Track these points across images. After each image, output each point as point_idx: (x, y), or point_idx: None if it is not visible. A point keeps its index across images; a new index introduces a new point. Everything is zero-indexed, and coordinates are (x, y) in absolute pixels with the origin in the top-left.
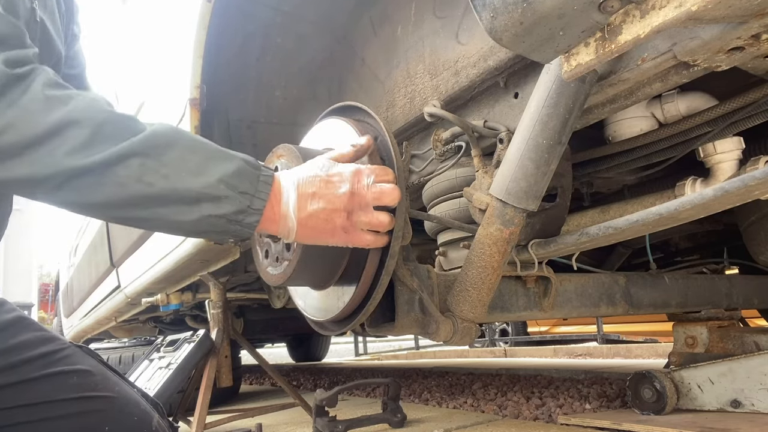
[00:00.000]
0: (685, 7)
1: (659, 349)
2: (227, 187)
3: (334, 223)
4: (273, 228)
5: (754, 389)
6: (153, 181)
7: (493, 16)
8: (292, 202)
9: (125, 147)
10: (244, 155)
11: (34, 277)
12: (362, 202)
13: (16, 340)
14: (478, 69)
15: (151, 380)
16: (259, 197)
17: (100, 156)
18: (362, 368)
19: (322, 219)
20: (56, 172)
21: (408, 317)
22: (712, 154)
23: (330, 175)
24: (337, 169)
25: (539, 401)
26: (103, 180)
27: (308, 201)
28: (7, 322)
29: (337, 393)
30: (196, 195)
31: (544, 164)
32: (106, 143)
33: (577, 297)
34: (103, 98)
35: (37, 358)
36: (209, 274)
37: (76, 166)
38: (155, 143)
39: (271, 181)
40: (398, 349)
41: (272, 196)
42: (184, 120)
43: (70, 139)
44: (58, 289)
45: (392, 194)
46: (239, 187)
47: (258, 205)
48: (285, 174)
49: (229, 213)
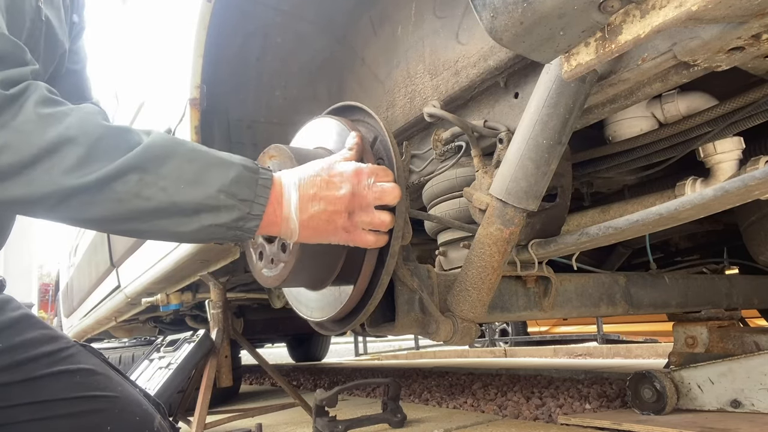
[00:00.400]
0: (686, 7)
1: (659, 349)
2: (227, 196)
3: (335, 224)
4: (275, 230)
5: (754, 389)
6: (151, 195)
7: (494, 16)
8: (294, 203)
9: (122, 163)
10: (243, 159)
11: (34, 277)
12: (363, 203)
13: (21, 338)
14: (478, 69)
15: (151, 380)
16: (259, 202)
17: (96, 174)
18: (362, 368)
19: (324, 220)
20: (53, 191)
21: (408, 317)
22: (712, 154)
23: (331, 175)
24: (338, 170)
25: (539, 401)
26: (101, 197)
27: (310, 202)
28: (13, 319)
29: (337, 393)
30: (195, 206)
31: (545, 164)
32: (103, 160)
33: (577, 297)
34: (98, 110)
35: (42, 357)
36: (209, 274)
37: (73, 185)
38: (152, 156)
39: (270, 184)
40: (398, 349)
41: (273, 199)
42: (184, 120)
43: (66, 158)
44: (58, 289)
45: (393, 193)
46: (239, 194)
47: (258, 210)
48: (287, 174)
49: (229, 221)
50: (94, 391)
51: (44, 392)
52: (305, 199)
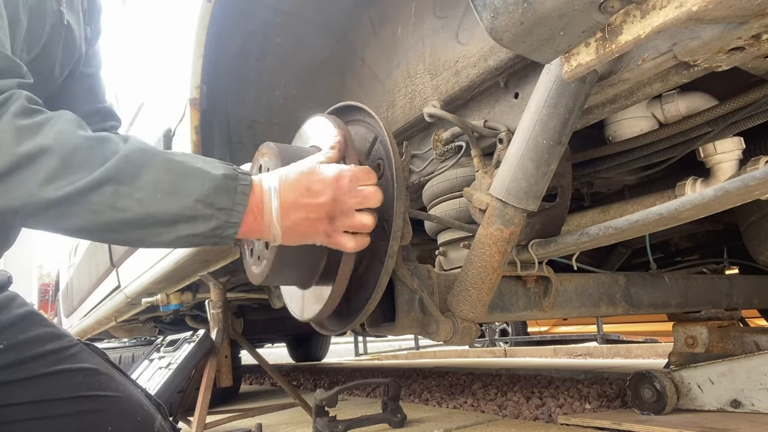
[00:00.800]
0: (686, 7)
1: (659, 349)
2: (204, 206)
3: (316, 229)
4: (256, 235)
5: (754, 389)
6: (127, 206)
7: (494, 16)
8: (275, 210)
9: (97, 175)
10: (223, 166)
11: (34, 277)
12: (345, 207)
13: (26, 336)
14: (478, 69)
15: (151, 380)
16: (237, 209)
17: (73, 186)
18: (362, 368)
19: (305, 226)
20: (28, 202)
21: (408, 317)
22: (712, 154)
23: (312, 182)
24: (319, 176)
25: (539, 401)
26: (78, 208)
27: (291, 209)
28: (18, 317)
29: (337, 393)
30: (172, 217)
31: (545, 164)
32: (78, 172)
33: (577, 297)
34: (77, 120)
35: (45, 355)
36: (209, 274)
37: (49, 198)
38: (127, 167)
39: (249, 191)
40: (398, 349)
41: (254, 206)
42: (184, 120)
43: (41, 170)
44: (58, 289)
45: (375, 197)
46: (216, 204)
47: (236, 218)
48: (268, 178)
49: (207, 231)
50: (96, 391)
51: (46, 391)
52: (286, 206)
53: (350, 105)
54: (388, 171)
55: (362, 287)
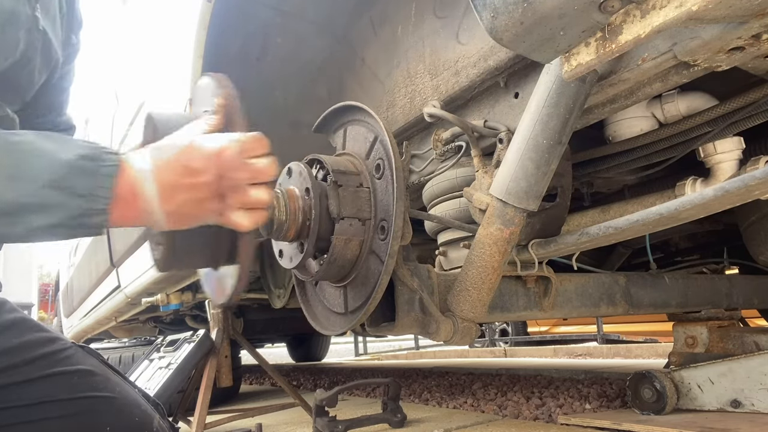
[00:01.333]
0: (686, 6)
1: (659, 349)
2: (58, 192)
3: (205, 209)
4: (134, 222)
5: (754, 389)
6: None
7: (494, 16)
8: (153, 194)
9: None
10: (83, 145)
11: (34, 277)
12: (233, 184)
13: (19, 341)
14: (478, 69)
15: (151, 380)
16: (101, 194)
17: None
18: (362, 368)
19: (191, 208)
20: None
21: (408, 317)
22: (712, 154)
23: (191, 158)
24: (199, 151)
25: (539, 401)
26: None
27: (172, 192)
28: (9, 322)
29: (337, 393)
30: (16, 206)
31: (545, 164)
32: None
33: (577, 297)
34: None
35: (39, 359)
36: None
37: None
38: None
39: (116, 172)
40: (398, 349)
41: (125, 189)
42: None
43: None
44: (58, 289)
45: (267, 171)
46: (74, 188)
47: (101, 204)
48: (139, 159)
49: (65, 220)
50: (92, 392)
51: (42, 394)
52: (166, 189)
53: (350, 105)
54: (388, 171)
55: (362, 287)
